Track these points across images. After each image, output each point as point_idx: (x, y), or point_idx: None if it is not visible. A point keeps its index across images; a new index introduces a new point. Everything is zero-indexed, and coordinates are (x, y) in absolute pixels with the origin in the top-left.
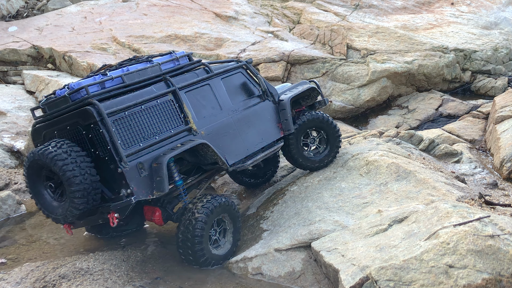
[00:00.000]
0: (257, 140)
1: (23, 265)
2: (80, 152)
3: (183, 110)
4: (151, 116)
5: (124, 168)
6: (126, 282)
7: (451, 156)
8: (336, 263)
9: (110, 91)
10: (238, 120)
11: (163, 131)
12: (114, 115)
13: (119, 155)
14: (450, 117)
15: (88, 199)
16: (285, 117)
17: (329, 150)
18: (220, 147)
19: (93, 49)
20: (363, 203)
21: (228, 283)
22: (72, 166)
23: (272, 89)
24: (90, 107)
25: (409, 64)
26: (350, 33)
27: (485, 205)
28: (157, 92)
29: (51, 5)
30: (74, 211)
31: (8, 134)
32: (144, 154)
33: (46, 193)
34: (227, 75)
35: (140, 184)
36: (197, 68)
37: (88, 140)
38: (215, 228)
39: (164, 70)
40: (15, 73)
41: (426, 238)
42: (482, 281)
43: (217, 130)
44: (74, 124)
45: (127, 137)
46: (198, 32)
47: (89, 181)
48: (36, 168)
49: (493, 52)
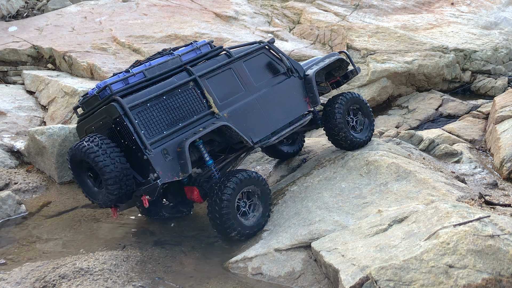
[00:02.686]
0: (283, 116)
1: (23, 265)
2: (110, 144)
3: (204, 96)
4: (173, 104)
5: (149, 155)
6: (126, 282)
7: (451, 156)
8: (336, 263)
9: (133, 86)
10: (262, 98)
11: (187, 118)
12: (137, 108)
13: (144, 143)
14: (450, 117)
15: (121, 185)
16: (311, 91)
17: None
18: (244, 126)
19: (93, 49)
20: (363, 203)
21: (228, 283)
22: (103, 157)
23: (296, 65)
24: (113, 103)
25: (409, 64)
26: (350, 33)
27: (485, 205)
28: (178, 82)
29: (51, 5)
30: (111, 197)
31: (8, 134)
32: (169, 140)
33: (89, 182)
34: (249, 58)
35: (166, 168)
36: (219, 54)
37: (117, 132)
38: (244, 200)
39: (185, 61)
40: (15, 73)
41: (426, 238)
42: (482, 281)
43: (241, 110)
44: (105, 119)
45: (150, 126)
46: (198, 32)
47: (120, 169)
48: (76, 161)
49: (493, 52)
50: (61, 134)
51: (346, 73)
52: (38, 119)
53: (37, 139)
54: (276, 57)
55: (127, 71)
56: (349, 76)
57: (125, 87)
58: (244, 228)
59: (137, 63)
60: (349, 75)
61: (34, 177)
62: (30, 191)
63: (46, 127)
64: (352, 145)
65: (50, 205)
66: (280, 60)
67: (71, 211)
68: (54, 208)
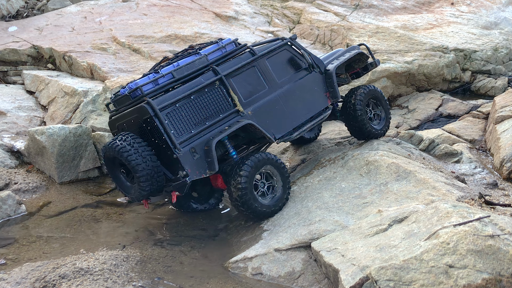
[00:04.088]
0: (304, 112)
1: (23, 265)
2: (141, 143)
3: (230, 94)
4: (201, 104)
5: (178, 154)
6: (126, 282)
7: (451, 156)
8: (336, 263)
9: (162, 87)
10: (285, 95)
11: (213, 116)
12: (166, 108)
13: (173, 143)
14: (450, 117)
15: (152, 182)
16: (331, 86)
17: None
18: (267, 123)
19: (93, 49)
20: (363, 203)
21: (228, 283)
22: (135, 156)
23: (317, 60)
24: (144, 104)
25: (409, 64)
26: (350, 33)
27: (485, 205)
28: (205, 82)
29: (51, 5)
30: (143, 192)
31: (8, 134)
32: (197, 139)
33: (121, 177)
34: (272, 55)
35: (194, 166)
36: (243, 52)
37: (148, 131)
38: (262, 181)
39: (211, 60)
40: (15, 73)
41: (426, 238)
42: (482, 281)
43: (264, 108)
44: (136, 118)
45: (179, 126)
46: (198, 32)
47: (151, 167)
48: (110, 158)
49: (493, 52)
50: (61, 134)
51: (366, 65)
52: (38, 119)
53: (37, 139)
54: (298, 53)
55: (156, 72)
56: (368, 68)
57: (155, 88)
58: (262, 207)
59: (164, 61)
60: (368, 67)
61: (34, 177)
62: (30, 191)
63: (46, 127)
64: (371, 136)
65: (50, 205)
66: (301, 55)
67: (71, 211)
68: (54, 208)
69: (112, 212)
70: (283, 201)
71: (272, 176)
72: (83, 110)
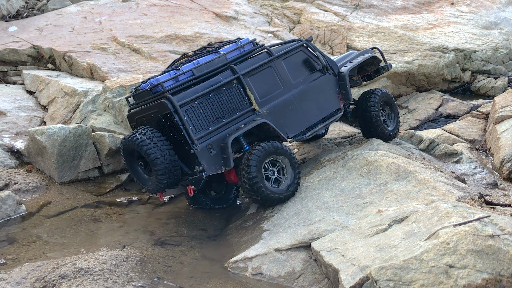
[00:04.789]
0: (317, 112)
1: (23, 265)
2: (160, 137)
3: (246, 93)
4: (218, 102)
5: (196, 150)
6: (126, 282)
7: (451, 156)
8: (336, 263)
9: (182, 84)
10: (299, 96)
11: (230, 114)
12: (186, 105)
13: (191, 139)
14: (450, 117)
15: (169, 175)
16: (344, 88)
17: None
18: (281, 122)
19: (93, 49)
20: (363, 203)
21: (228, 283)
22: (154, 149)
23: (332, 63)
24: (165, 100)
25: (409, 64)
26: (350, 33)
27: (485, 205)
28: (224, 80)
29: (51, 5)
30: (160, 185)
31: (8, 134)
32: (213, 135)
33: (139, 169)
34: (288, 56)
35: (210, 161)
36: (260, 52)
37: (167, 126)
38: (272, 169)
39: (230, 59)
40: (15, 73)
41: (426, 238)
42: (482, 281)
43: (279, 107)
44: (156, 113)
45: (197, 123)
46: (198, 32)
47: (169, 161)
48: (129, 151)
49: (493, 52)
50: (61, 134)
51: (378, 68)
52: (38, 119)
53: (37, 139)
54: (313, 55)
55: (177, 69)
56: (380, 71)
57: (175, 85)
58: (273, 193)
59: (184, 57)
60: (380, 70)
61: (34, 177)
62: (30, 191)
63: (46, 127)
64: (385, 137)
65: (50, 205)
66: (316, 57)
67: (71, 211)
68: (54, 208)
69: (112, 212)
70: (295, 186)
71: (280, 163)
72: (83, 110)
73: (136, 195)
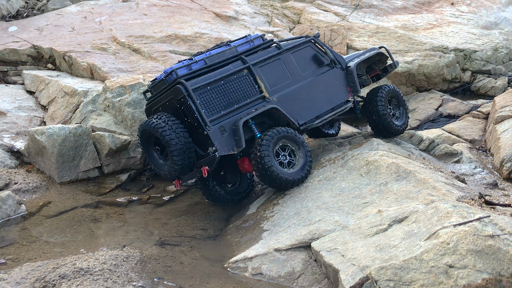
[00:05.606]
0: (326, 102)
1: (23, 265)
2: (175, 121)
3: (257, 82)
4: (230, 88)
5: (209, 131)
6: (126, 282)
7: (451, 156)
8: (336, 263)
9: (195, 72)
10: (308, 86)
11: (241, 100)
12: (199, 90)
13: (204, 121)
14: (450, 117)
15: (184, 157)
16: (352, 81)
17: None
18: (291, 110)
19: (93, 49)
20: (363, 203)
21: (228, 283)
22: (169, 131)
23: (339, 57)
24: (179, 85)
25: (409, 64)
26: (350, 33)
27: (485, 205)
28: (234, 69)
29: (51, 5)
30: (175, 167)
31: (8, 134)
32: (226, 119)
33: (156, 155)
34: (297, 50)
35: (223, 142)
36: (270, 46)
37: (182, 111)
38: (283, 154)
39: (241, 51)
40: (15, 73)
41: (426, 238)
42: (482, 281)
43: (288, 96)
44: (171, 100)
45: (210, 106)
46: (198, 32)
47: (183, 142)
48: (146, 137)
49: (493, 52)
50: (61, 134)
51: (386, 67)
52: (38, 119)
53: (37, 139)
54: (321, 50)
55: (190, 59)
56: (388, 70)
57: (188, 72)
58: (286, 175)
59: (198, 54)
60: (388, 68)
61: (34, 177)
62: (30, 191)
63: (46, 127)
64: (392, 131)
65: (50, 205)
66: (324, 52)
67: (71, 211)
68: (54, 208)
69: (112, 212)
70: (307, 168)
71: (290, 147)
72: (83, 110)
73: (136, 195)
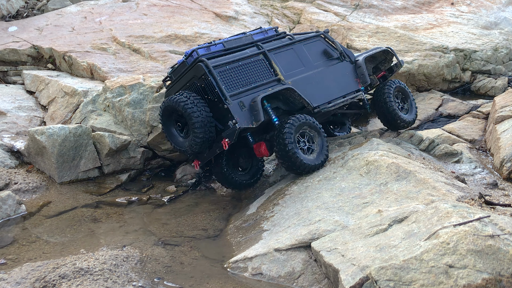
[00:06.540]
0: (337, 90)
1: (23, 265)
2: (196, 96)
3: (272, 66)
4: (247, 69)
5: (229, 104)
6: (126, 282)
7: (451, 156)
8: (336, 263)
9: (214, 53)
10: (320, 74)
11: (258, 81)
12: (218, 67)
13: (224, 95)
14: (450, 117)
15: (205, 130)
16: (361, 72)
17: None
18: (305, 93)
19: (93, 49)
20: (363, 203)
21: (228, 283)
22: (191, 105)
23: (348, 52)
24: (200, 63)
25: (409, 64)
26: (350, 33)
27: (485, 205)
28: (251, 53)
29: (51, 5)
30: (197, 140)
31: (8, 134)
32: (244, 96)
33: (176, 133)
34: (308, 42)
35: (242, 116)
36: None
37: (202, 90)
38: (303, 140)
39: (256, 39)
40: (15, 73)
41: (426, 238)
42: (482, 281)
43: (302, 80)
44: (192, 79)
45: (229, 83)
46: (198, 32)
47: (204, 115)
48: (167, 114)
49: (493, 52)
50: (61, 134)
51: (391, 67)
52: (38, 119)
53: (37, 139)
54: (331, 45)
55: (209, 43)
56: (394, 69)
57: (209, 53)
58: (309, 161)
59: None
60: (393, 68)
61: (34, 177)
62: (30, 191)
63: (46, 127)
64: (401, 123)
65: (50, 205)
66: (333, 47)
67: (71, 211)
68: (54, 208)
69: (112, 212)
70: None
71: (309, 134)
72: (83, 110)
73: (136, 195)
